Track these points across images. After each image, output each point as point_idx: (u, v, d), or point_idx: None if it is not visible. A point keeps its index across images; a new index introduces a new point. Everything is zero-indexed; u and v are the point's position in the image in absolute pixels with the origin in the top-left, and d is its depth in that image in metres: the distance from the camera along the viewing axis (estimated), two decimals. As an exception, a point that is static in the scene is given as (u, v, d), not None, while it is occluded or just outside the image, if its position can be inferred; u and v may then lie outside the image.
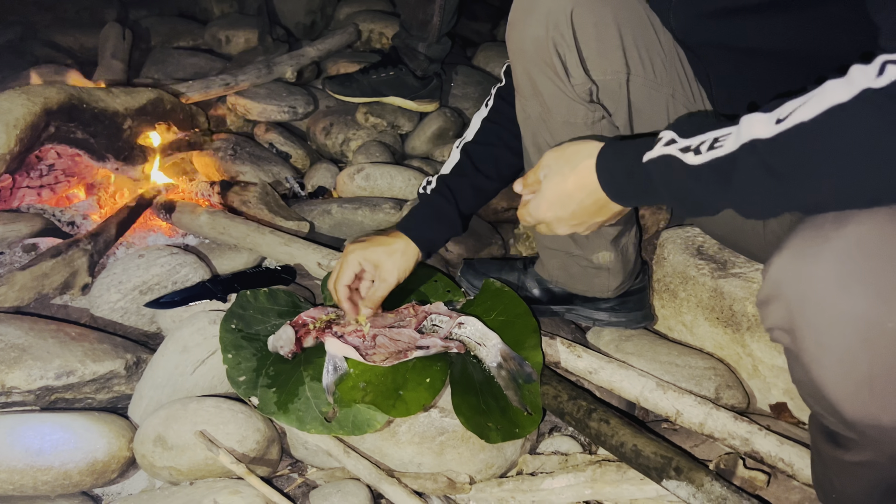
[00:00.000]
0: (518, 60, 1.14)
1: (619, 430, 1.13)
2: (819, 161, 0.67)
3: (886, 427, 0.72)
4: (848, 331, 0.70)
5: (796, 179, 0.69)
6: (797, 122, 0.67)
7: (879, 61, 0.64)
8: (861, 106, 0.63)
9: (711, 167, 0.76)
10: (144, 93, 1.78)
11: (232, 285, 1.42)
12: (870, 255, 0.69)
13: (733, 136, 0.74)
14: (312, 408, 1.15)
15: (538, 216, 1.00)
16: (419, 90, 2.21)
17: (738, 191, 0.74)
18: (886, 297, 0.68)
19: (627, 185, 0.89)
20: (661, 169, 0.82)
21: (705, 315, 1.37)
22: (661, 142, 0.83)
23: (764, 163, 0.70)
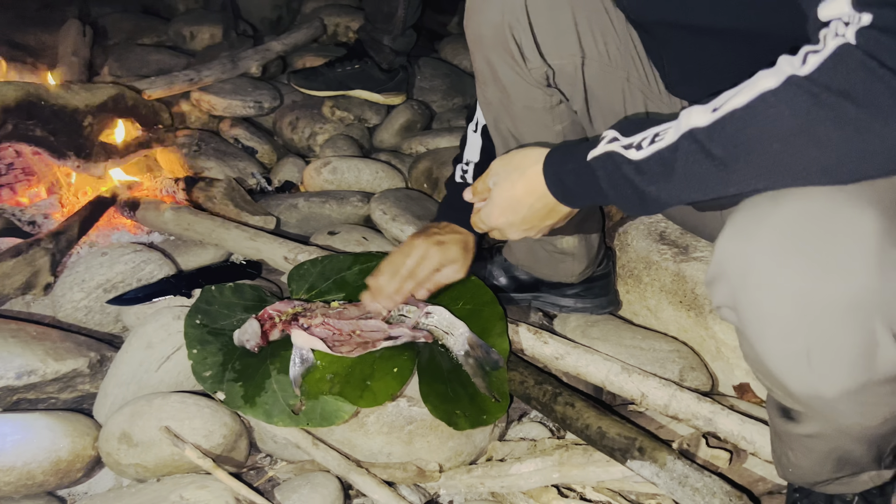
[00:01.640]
0: (477, 47, 1.14)
1: (583, 412, 1.14)
2: (753, 143, 0.70)
3: (828, 398, 0.74)
4: (785, 305, 0.72)
5: (734, 162, 0.72)
6: (731, 109, 0.71)
7: (803, 52, 0.68)
8: (788, 90, 0.67)
9: (653, 159, 0.78)
10: (105, 89, 1.76)
11: (196, 281, 1.41)
12: (803, 230, 0.71)
13: (673, 129, 0.76)
14: (280, 401, 1.15)
15: (490, 223, 1.03)
16: (386, 83, 2.20)
17: (682, 179, 0.76)
18: (819, 271, 0.70)
19: (574, 186, 0.91)
20: (605, 165, 0.84)
21: (669, 299, 1.39)
22: (605, 140, 0.85)
23: (703, 149, 0.73)
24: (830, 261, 0.70)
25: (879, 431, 0.79)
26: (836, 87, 0.65)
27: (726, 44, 0.90)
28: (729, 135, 0.71)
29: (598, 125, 1.17)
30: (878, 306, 0.68)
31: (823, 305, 0.70)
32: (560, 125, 1.18)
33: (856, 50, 0.64)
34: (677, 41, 1.00)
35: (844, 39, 0.65)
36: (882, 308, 0.68)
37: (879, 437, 0.81)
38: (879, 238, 0.68)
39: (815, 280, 0.70)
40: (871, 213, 0.69)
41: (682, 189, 0.77)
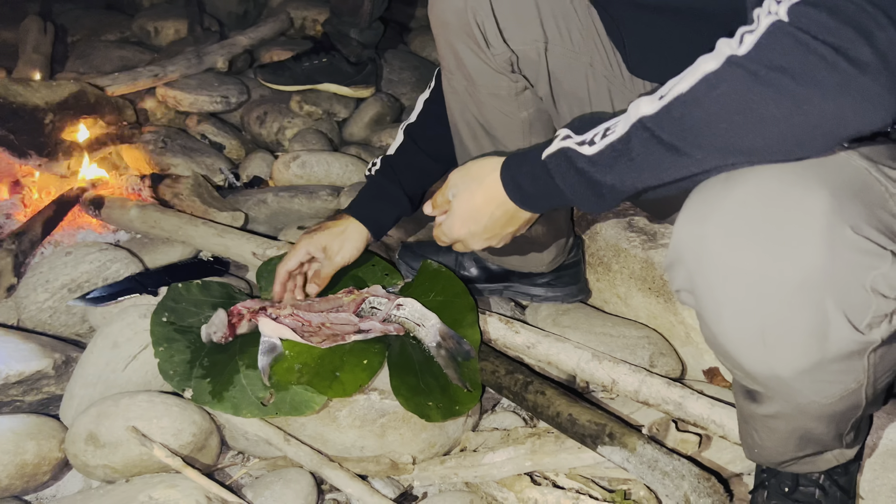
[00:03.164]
0: (441, 34, 1.14)
1: (554, 400, 1.15)
2: (700, 125, 0.72)
3: (783, 377, 0.75)
4: (739, 286, 0.73)
5: (685, 145, 0.73)
6: (676, 94, 0.73)
7: (740, 32, 0.70)
8: (727, 71, 0.69)
9: (607, 151, 0.79)
10: (66, 86, 1.73)
11: (162, 278, 1.39)
12: (755, 212, 0.72)
13: (623, 121, 0.78)
14: (248, 394, 1.14)
15: (452, 235, 1.03)
16: (354, 76, 2.19)
17: (636, 167, 0.77)
18: (771, 252, 0.71)
19: (531, 189, 0.92)
20: (559, 163, 0.85)
21: (638, 286, 1.40)
22: (558, 138, 0.86)
23: (654, 136, 0.75)
24: (781, 241, 0.70)
25: (837, 409, 0.81)
26: (772, 64, 0.66)
27: (683, 23, 0.90)
28: (676, 119, 0.73)
29: (564, 111, 1.17)
30: (829, 285, 0.69)
31: (776, 286, 0.71)
32: (526, 112, 1.18)
33: (788, 26, 0.65)
34: (635, 21, 1.01)
35: (777, 17, 0.66)
36: (832, 287, 0.69)
37: (838, 414, 0.83)
38: (829, 218, 0.69)
39: (766, 261, 0.71)
40: (820, 193, 0.70)
41: (637, 176, 0.78)
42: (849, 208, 0.70)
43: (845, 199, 0.70)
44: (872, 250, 0.69)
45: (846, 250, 0.69)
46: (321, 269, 1.32)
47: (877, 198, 0.74)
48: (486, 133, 1.23)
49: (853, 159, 0.76)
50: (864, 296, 0.69)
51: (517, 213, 0.97)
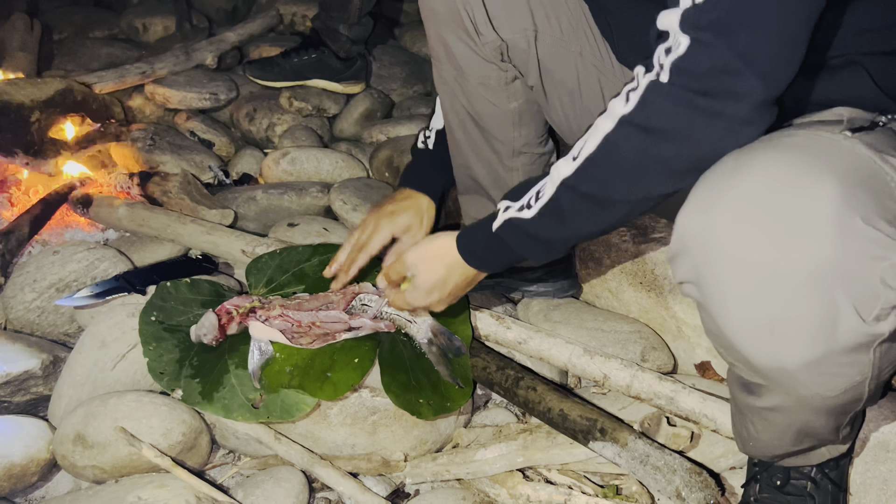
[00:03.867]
0: (430, 24, 1.14)
1: (545, 395, 1.14)
2: (612, 178, 0.83)
3: (789, 369, 0.75)
4: (747, 277, 0.72)
5: (606, 196, 0.84)
6: (587, 156, 0.84)
7: (625, 92, 0.81)
8: (621, 130, 0.81)
9: (543, 213, 0.89)
10: (52, 83, 1.71)
11: (151, 277, 1.38)
12: (763, 202, 0.72)
13: (549, 183, 0.88)
14: (239, 395, 1.13)
15: (417, 305, 1.11)
16: (343, 72, 2.17)
17: (572, 221, 0.88)
18: (780, 242, 0.70)
19: (489, 256, 1.02)
20: (508, 232, 0.95)
21: (629, 280, 1.39)
22: (501, 210, 0.96)
23: (578, 193, 0.85)
24: (790, 232, 0.70)
25: (839, 402, 0.80)
26: (648, 123, 0.78)
27: None
28: (593, 176, 0.84)
29: (554, 101, 1.17)
30: (838, 275, 0.68)
31: (784, 276, 0.70)
32: (515, 102, 1.18)
33: (666, 85, 0.77)
34: (623, 8, 1.00)
35: (655, 77, 0.78)
36: (842, 278, 0.68)
37: (839, 407, 0.82)
38: (838, 206, 0.69)
39: (775, 251, 0.70)
40: (829, 182, 0.70)
41: (576, 228, 0.89)
42: (858, 198, 0.69)
43: (854, 188, 0.70)
44: (882, 241, 0.68)
45: (856, 241, 0.68)
46: (401, 246, 1.29)
47: (883, 187, 0.73)
48: (475, 124, 1.22)
49: (857, 148, 0.75)
50: (874, 287, 0.68)
51: (477, 275, 1.07)
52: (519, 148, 1.24)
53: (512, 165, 1.26)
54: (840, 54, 0.85)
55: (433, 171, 1.35)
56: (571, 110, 1.17)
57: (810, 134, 0.79)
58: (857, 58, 0.85)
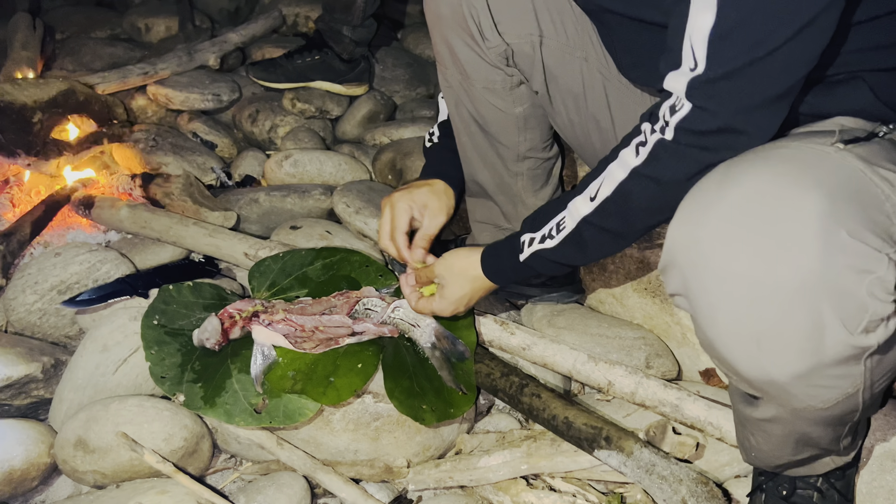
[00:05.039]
0: (436, 27, 1.14)
1: (550, 403, 1.14)
2: (628, 215, 0.93)
3: (779, 382, 0.75)
4: (734, 291, 0.72)
5: (622, 230, 0.95)
6: (605, 197, 0.93)
7: (634, 144, 0.89)
8: (634, 180, 0.90)
9: (566, 243, 1.00)
10: (54, 84, 1.71)
11: (153, 280, 1.37)
12: (749, 215, 0.72)
13: (569, 218, 0.98)
14: (241, 400, 1.13)
15: (443, 313, 1.18)
16: (346, 74, 2.17)
17: (592, 250, 0.99)
18: (766, 256, 0.70)
19: (515, 277, 1.12)
20: (534, 260, 1.05)
21: (634, 286, 1.39)
22: (525, 243, 1.05)
23: (599, 228, 0.96)
24: (777, 245, 0.70)
25: (833, 413, 0.80)
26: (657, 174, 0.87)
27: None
28: (611, 215, 0.94)
29: (558, 106, 1.16)
30: (825, 289, 0.69)
31: (771, 290, 0.70)
32: (521, 107, 1.17)
33: (670, 144, 0.84)
34: (624, 29, 1.00)
35: (661, 136, 0.85)
36: (828, 291, 0.68)
37: (834, 418, 0.82)
38: (824, 221, 0.69)
39: (762, 265, 0.70)
40: (816, 196, 0.70)
41: (595, 255, 1.01)
42: (844, 211, 0.69)
43: (841, 201, 0.70)
44: (869, 254, 0.69)
45: (842, 254, 0.68)
46: (427, 229, 1.26)
47: (873, 200, 0.73)
48: (480, 128, 1.22)
49: (848, 160, 0.75)
50: (861, 300, 0.68)
51: (493, 287, 1.15)
52: (524, 153, 1.24)
53: (517, 170, 1.26)
54: (841, 71, 0.85)
55: (445, 160, 1.34)
56: (576, 115, 1.17)
57: (801, 146, 0.79)
58: (859, 73, 0.85)
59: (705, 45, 0.77)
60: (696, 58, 0.78)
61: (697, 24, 0.77)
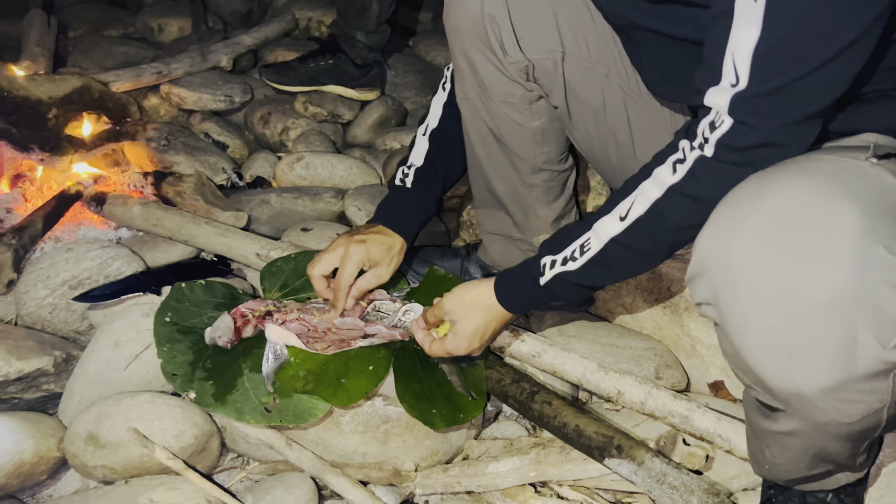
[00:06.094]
0: (456, 41, 1.14)
1: (561, 410, 1.14)
2: (661, 235, 0.93)
3: (807, 395, 0.75)
4: (767, 301, 0.72)
5: (654, 250, 0.95)
6: (636, 217, 0.92)
7: (671, 162, 0.89)
8: (670, 198, 0.89)
9: (591, 264, 0.98)
10: (70, 81, 1.71)
11: (166, 277, 1.37)
12: (785, 226, 0.72)
13: (594, 239, 0.97)
14: (252, 398, 1.13)
15: (458, 352, 1.14)
16: (359, 78, 2.18)
17: (619, 270, 0.99)
18: (801, 268, 0.70)
19: (533, 304, 1.12)
20: (556, 284, 1.03)
21: (644, 297, 1.39)
22: (546, 266, 1.03)
23: (628, 248, 0.94)
24: (812, 258, 0.70)
25: (856, 428, 0.80)
26: (696, 193, 0.87)
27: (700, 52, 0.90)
28: (643, 234, 0.93)
29: (577, 120, 1.17)
30: (859, 303, 0.69)
31: (805, 302, 0.70)
32: (538, 121, 1.18)
33: (711, 161, 0.84)
34: (654, 46, 1.01)
35: (700, 152, 0.85)
36: (862, 305, 0.69)
37: (856, 434, 0.82)
38: (860, 234, 0.69)
39: (796, 277, 0.70)
40: (851, 209, 0.70)
41: (622, 275, 1.01)
42: (881, 226, 0.69)
43: (877, 216, 0.70)
44: None
45: (878, 269, 0.68)
46: (366, 283, 1.26)
47: None
48: (496, 140, 1.22)
49: (883, 175, 0.75)
50: (894, 315, 0.68)
51: (511, 317, 1.13)
52: (540, 165, 1.24)
53: (532, 182, 1.27)
54: (872, 90, 0.86)
55: (409, 211, 1.32)
56: (595, 130, 1.17)
57: (835, 159, 0.80)
58: (889, 92, 0.86)
59: (749, 62, 0.78)
60: (739, 73, 0.79)
61: (741, 39, 0.77)
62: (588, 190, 1.59)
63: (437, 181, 1.33)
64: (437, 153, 1.32)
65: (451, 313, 1.13)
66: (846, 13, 0.73)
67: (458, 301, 1.13)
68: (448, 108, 1.32)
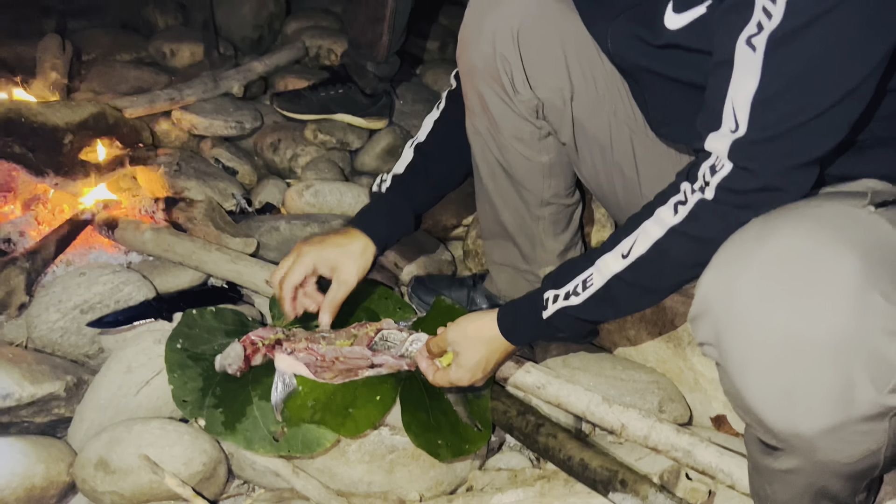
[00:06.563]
0: (467, 78, 1.17)
1: (566, 443, 1.15)
2: (662, 274, 0.95)
3: (806, 436, 0.76)
4: (768, 344, 0.74)
5: (655, 287, 0.97)
6: (638, 255, 0.94)
7: (673, 202, 0.91)
8: (671, 238, 0.91)
9: (593, 300, 1.00)
10: (86, 107, 1.75)
11: (177, 304, 1.39)
12: (786, 271, 0.74)
13: (597, 275, 0.99)
14: (261, 427, 1.14)
15: (462, 383, 1.16)
16: (369, 107, 2.21)
17: (622, 306, 1.00)
18: (801, 312, 0.72)
19: (536, 337, 1.14)
20: (559, 318, 1.04)
21: (648, 329, 1.41)
22: (549, 300, 1.05)
23: (631, 284, 0.96)
24: (812, 303, 0.72)
25: (856, 468, 0.81)
26: (696, 233, 0.89)
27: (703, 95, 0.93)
28: (645, 272, 0.95)
29: (585, 155, 1.19)
30: (857, 348, 0.71)
31: (805, 346, 0.72)
32: (547, 156, 1.20)
33: (711, 204, 0.87)
34: (658, 88, 1.03)
35: (701, 195, 0.87)
36: (860, 350, 0.71)
37: (856, 472, 0.83)
38: (859, 281, 0.71)
39: (797, 321, 0.72)
40: (850, 257, 0.72)
41: (624, 312, 1.03)
42: (878, 274, 0.72)
43: (875, 264, 0.72)
44: None
45: (875, 316, 0.70)
46: (335, 294, 1.25)
47: None
48: (505, 173, 1.25)
49: (881, 224, 0.78)
50: (891, 361, 0.70)
51: (513, 348, 1.14)
52: (547, 198, 1.27)
53: (539, 214, 1.29)
54: (869, 136, 0.88)
55: (381, 214, 1.32)
56: (602, 165, 1.20)
57: (835, 206, 0.82)
58: (887, 139, 0.89)
59: (748, 109, 0.80)
60: (738, 120, 0.81)
61: (740, 88, 0.80)
62: (593, 222, 1.62)
63: (416, 190, 1.32)
64: (420, 163, 1.32)
65: (455, 344, 1.15)
66: (843, 64, 0.76)
67: (461, 332, 1.14)
68: (438, 124, 1.33)
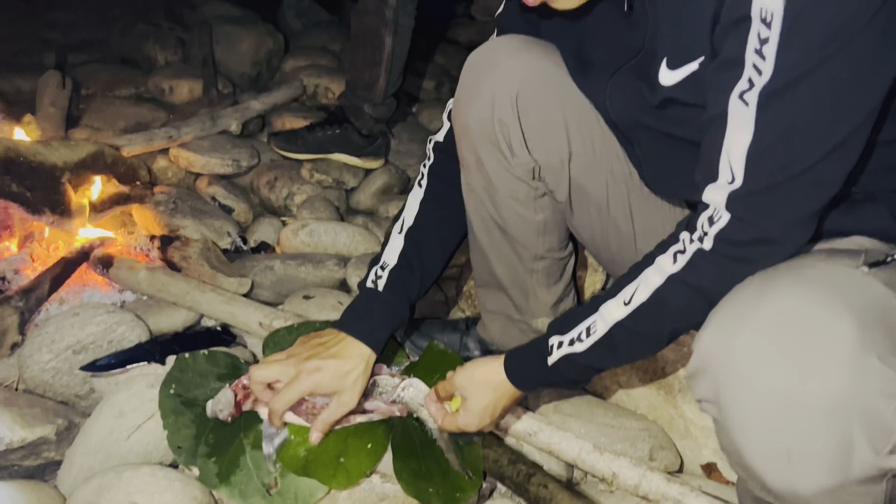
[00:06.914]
0: (464, 138, 1.17)
1: (556, 494, 1.15)
2: (663, 321, 0.96)
3: (804, 496, 0.77)
4: (766, 404, 0.75)
5: (656, 333, 0.98)
6: (640, 303, 0.96)
7: (672, 252, 0.93)
8: (670, 286, 0.93)
9: (597, 347, 1.00)
10: (84, 146, 1.76)
11: (171, 347, 1.39)
12: (784, 332, 0.75)
13: (600, 322, 1.00)
14: (254, 479, 1.14)
15: (469, 429, 1.18)
16: (365, 147, 2.24)
17: (624, 353, 1.01)
18: (800, 373, 0.74)
19: (542, 384, 1.13)
20: (564, 364, 1.05)
21: (639, 376, 1.42)
22: (554, 346, 1.06)
23: (632, 331, 0.97)
24: (810, 364, 0.73)
25: None
26: (695, 282, 0.91)
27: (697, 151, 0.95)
28: (645, 319, 0.96)
29: (580, 213, 1.21)
30: (855, 410, 0.72)
31: (804, 407, 0.73)
32: (542, 215, 1.22)
33: (710, 254, 0.89)
34: (652, 145, 1.05)
35: (700, 245, 0.89)
36: (858, 412, 0.72)
37: None
38: (855, 344, 0.73)
39: (795, 381, 0.74)
40: (848, 318, 0.74)
41: (626, 359, 1.04)
42: (874, 336, 0.73)
43: (870, 326, 0.74)
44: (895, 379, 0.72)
45: (872, 378, 0.71)
46: (332, 414, 1.18)
47: None
48: (499, 229, 1.26)
49: (875, 285, 0.79)
50: (888, 423, 0.71)
51: (518, 393, 1.15)
52: (542, 253, 1.28)
53: (533, 268, 1.30)
54: (861, 190, 0.90)
55: (380, 317, 1.22)
56: (598, 222, 1.21)
57: (829, 266, 0.84)
58: (878, 194, 0.91)
59: (743, 162, 0.82)
60: (734, 172, 0.83)
61: (735, 141, 0.82)
62: (586, 267, 1.63)
63: (412, 283, 1.25)
64: (414, 252, 1.25)
65: (463, 389, 1.16)
66: (830, 119, 0.78)
67: (469, 378, 1.15)
68: (424, 205, 1.27)
